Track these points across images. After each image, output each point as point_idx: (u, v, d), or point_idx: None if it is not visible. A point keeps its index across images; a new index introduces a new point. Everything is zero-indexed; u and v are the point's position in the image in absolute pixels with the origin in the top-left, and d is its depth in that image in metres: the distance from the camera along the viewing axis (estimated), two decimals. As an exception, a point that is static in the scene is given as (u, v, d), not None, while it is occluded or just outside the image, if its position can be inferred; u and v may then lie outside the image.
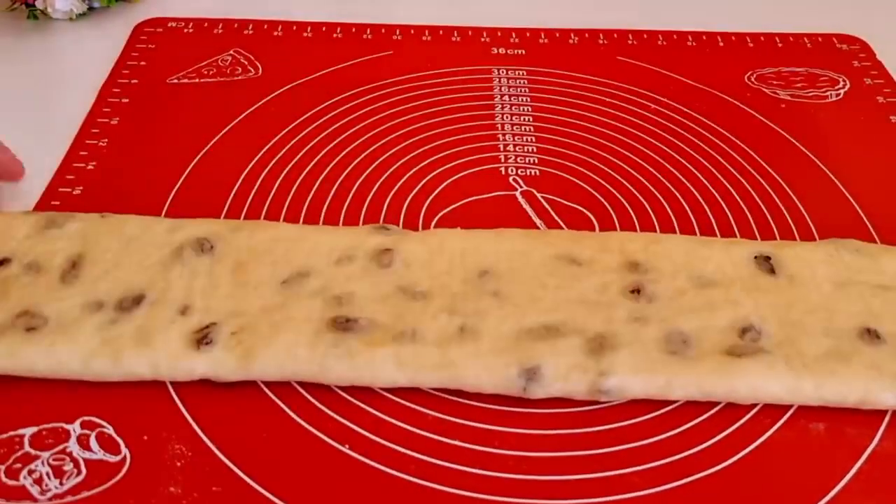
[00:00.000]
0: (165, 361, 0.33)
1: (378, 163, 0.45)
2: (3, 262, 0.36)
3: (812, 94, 0.51)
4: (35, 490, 0.30)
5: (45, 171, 0.43)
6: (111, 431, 0.32)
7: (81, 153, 0.45)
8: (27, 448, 0.31)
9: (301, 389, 0.34)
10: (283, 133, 0.47)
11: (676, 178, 0.45)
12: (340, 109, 0.48)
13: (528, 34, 0.55)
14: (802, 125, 0.48)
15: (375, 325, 0.34)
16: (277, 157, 0.45)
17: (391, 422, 0.33)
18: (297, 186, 0.43)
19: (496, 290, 0.35)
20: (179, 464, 0.31)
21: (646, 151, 0.46)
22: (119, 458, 0.31)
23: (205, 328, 0.34)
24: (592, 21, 0.57)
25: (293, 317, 0.34)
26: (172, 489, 0.30)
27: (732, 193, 0.44)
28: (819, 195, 0.44)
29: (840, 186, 0.44)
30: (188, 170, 0.44)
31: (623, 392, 0.33)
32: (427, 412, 0.33)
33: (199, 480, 0.31)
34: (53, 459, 0.31)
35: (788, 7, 0.59)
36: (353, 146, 0.46)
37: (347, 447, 0.32)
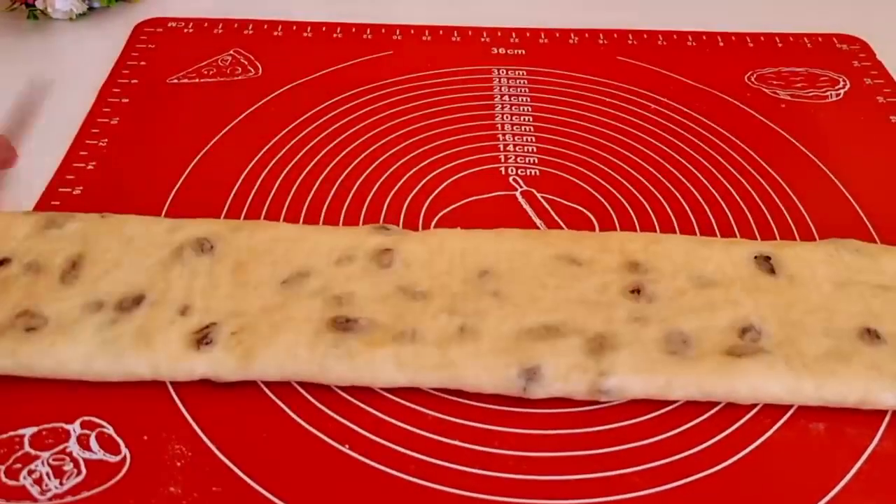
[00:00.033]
0: (165, 361, 0.33)
1: (378, 163, 0.45)
2: (3, 262, 0.36)
3: (812, 94, 0.51)
4: (35, 490, 0.30)
5: (45, 171, 0.43)
6: (111, 431, 0.32)
7: (81, 153, 0.45)
8: (27, 448, 0.31)
9: (301, 389, 0.34)
10: (283, 133, 0.47)
11: (676, 178, 0.44)
12: (340, 109, 0.48)
13: (528, 34, 0.55)
14: (802, 125, 0.48)
15: (375, 325, 0.34)
16: (277, 157, 0.45)
17: (391, 422, 0.33)
18: (297, 186, 0.43)
19: (496, 290, 0.35)
20: (179, 464, 0.31)
21: (646, 151, 0.46)
22: (119, 458, 0.31)
23: (205, 328, 0.34)
24: (592, 21, 0.57)
25: (293, 317, 0.34)
26: (172, 489, 0.30)
27: (732, 193, 0.44)
28: (819, 195, 0.44)
29: (840, 186, 0.44)
30: (188, 170, 0.44)
31: (623, 392, 0.33)
32: (427, 412, 0.33)
33: (199, 480, 0.31)
34: (53, 459, 0.31)
35: (788, 7, 0.59)
36: (353, 146, 0.46)
37: (347, 447, 0.32)
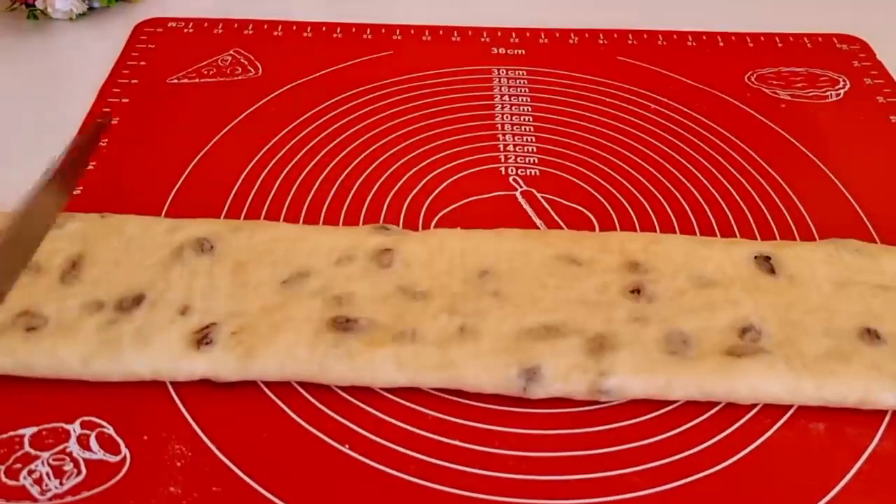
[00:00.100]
0: (165, 361, 0.33)
1: (378, 163, 0.45)
2: (3, 262, 0.36)
3: (812, 94, 0.51)
4: (35, 490, 0.30)
5: (45, 171, 0.43)
6: (111, 431, 0.32)
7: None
8: (27, 448, 0.31)
9: (301, 389, 0.34)
10: (283, 133, 0.47)
11: (676, 178, 0.44)
12: (340, 109, 0.48)
13: (528, 34, 0.55)
14: (802, 125, 0.48)
15: (375, 326, 0.34)
16: (277, 157, 0.45)
17: (391, 422, 0.33)
18: (297, 186, 0.43)
19: (496, 290, 0.35)
20: (179, 464, 0.31)
21: (646, 151, 0.46)
22: (119, 458, 0.31)
23: (205, 328, 0.34)
24: (592, 21, 0.57)
25: (293, 317, 0.34)
26: (172, 489, 0.30)
27: (732, 193, 0.44)
28: (819, 195, 0.44)
29: (840, 186, 0.44)
30: (188, 170, 0.44)
31: (623, 392, 0.33)
32: (427, 412, 0.33)
33: (199, 480, 0.31)
34: (53, 459, 0.31)
35: (788, 7, 0.59)
36: (353, 146, 0.46)
37: (347, 447, 0.32)
